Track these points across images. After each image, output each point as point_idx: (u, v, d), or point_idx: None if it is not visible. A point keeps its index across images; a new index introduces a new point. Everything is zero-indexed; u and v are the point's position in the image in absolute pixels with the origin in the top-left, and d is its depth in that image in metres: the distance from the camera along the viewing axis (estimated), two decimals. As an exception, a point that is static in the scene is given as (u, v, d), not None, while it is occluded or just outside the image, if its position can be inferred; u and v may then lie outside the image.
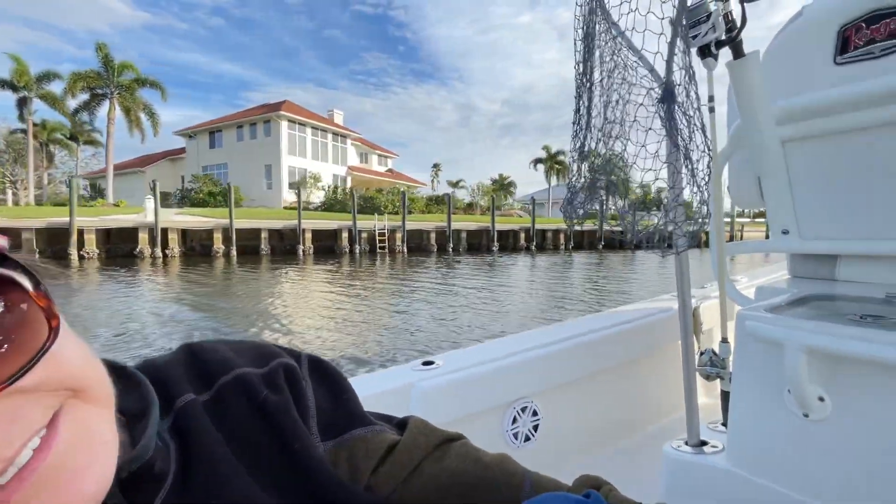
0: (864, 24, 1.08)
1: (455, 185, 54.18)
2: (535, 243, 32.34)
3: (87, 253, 19.68)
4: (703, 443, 1.27)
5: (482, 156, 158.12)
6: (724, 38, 1.10)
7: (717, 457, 1.21)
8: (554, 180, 54.04)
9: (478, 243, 30.76)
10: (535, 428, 1.47)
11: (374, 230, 26.57)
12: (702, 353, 1.34)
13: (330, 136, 38.64)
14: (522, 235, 32.49)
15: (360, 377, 1.30)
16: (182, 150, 40.03)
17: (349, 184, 37.61)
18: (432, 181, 54.97)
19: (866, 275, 1.22)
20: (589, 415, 1.68)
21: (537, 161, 53.82)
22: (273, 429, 0.45)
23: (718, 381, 1.38)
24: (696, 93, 1.08)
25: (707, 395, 1.85)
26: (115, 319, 8.98)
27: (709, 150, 1.15)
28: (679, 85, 1.11)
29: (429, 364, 1.34)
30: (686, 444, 1.28)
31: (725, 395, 1.39)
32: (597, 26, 1.15)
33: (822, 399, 0.96)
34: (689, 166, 1.12)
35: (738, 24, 1.09)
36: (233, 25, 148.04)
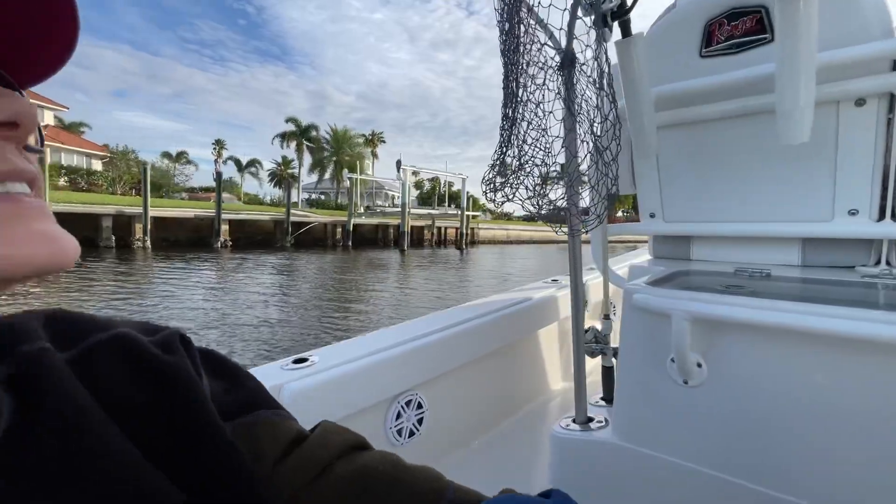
0: (725, 21, 1.17)
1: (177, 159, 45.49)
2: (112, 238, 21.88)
3: None
4: (590, 419, 1.29)
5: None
6: (616, 10, 1.06)
7: (602, 432, 1.24)
8: (309, 164, 45.49)
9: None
10: (420, 421, 1.37)
11: None
12: (586, 331, 1.36)
13: None
14: (108, 225, 22.08)
15: None
16: None
17: None
18: (216, 161, 44.00)
19: (715, 254, 1.37)
20: (475, 401, 1.63)
21: (283, 136, 45.22)
22: (169, 397, 0.35)
23: (601, 357, 1.43)
24: (607, 66, 1.04)
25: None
26: None
27: (592, 129, 1.14)
28: (581, 52, 1.04)
29: (301, 361, 1.15)
30: (574, 421, 1.29)
31: (607, 371, 1.44)
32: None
33: (699, 365, 1.03)
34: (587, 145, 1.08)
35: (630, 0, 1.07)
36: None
